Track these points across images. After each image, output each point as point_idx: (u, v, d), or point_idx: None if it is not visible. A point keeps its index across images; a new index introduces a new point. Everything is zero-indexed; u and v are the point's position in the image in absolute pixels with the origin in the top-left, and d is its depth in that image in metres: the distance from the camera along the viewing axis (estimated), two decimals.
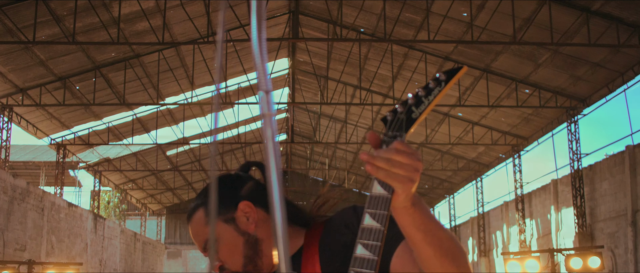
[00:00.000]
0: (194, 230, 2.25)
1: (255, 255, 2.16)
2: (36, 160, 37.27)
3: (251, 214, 2.19)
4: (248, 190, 2.24)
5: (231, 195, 2.22)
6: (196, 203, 2.26)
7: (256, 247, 2.17)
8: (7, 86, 21.25)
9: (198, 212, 2.24)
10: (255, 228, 2.17)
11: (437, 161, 33.13)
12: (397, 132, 1.71)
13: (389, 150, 1.65)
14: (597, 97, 21.29)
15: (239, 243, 2.16)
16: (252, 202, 2.21)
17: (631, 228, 18.80)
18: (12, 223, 18.44)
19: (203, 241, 2.22)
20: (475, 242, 33.83)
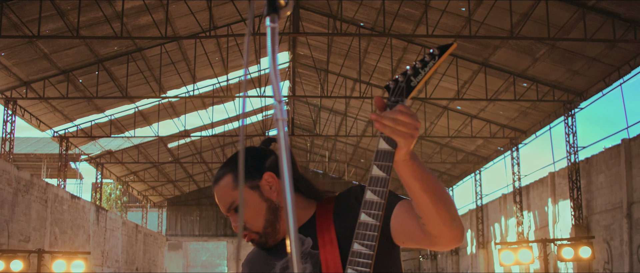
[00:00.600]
0: (220, 193, 2.54)
1: (275, 220, 2.48)
2: (38, 153, 37.54)
3: (274, 184, 2.51)
4: (271, 162, 2.54)
5: (257, 166, 2.52)
6: (224, 170, 2.56)
7: (276, 213, 2.48)
8: (11, 79, 21.51)
9: (226, 178, 2.54)
10: (277, 196, 2.49)
11: (436, 154, 33.40)
12: (399, 97, 2.08)
13: (394, 112, 2.01)
14: (593, 91, 21.53)
15: (262, 208, 2.47)
16: (275, 173, 2.52)
17: (626, 220, 19.08)
18: (16, 214, 18.70)
19: (228, 204, 2.52)
20: (473, 234, 34.11)
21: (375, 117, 2.04)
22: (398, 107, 2.02)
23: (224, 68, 26.21)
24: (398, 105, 2.03)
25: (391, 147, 2.05)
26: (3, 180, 17.87)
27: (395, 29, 21.28)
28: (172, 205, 47.11)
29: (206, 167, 41.12)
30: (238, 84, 29.08)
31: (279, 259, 2.53)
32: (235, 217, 2.52)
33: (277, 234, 2.51)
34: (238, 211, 2.50)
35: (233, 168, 2.54)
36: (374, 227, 2.06)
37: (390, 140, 2.05)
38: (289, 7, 1.69)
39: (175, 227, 47.13)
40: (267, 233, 2.50)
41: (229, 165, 2.58)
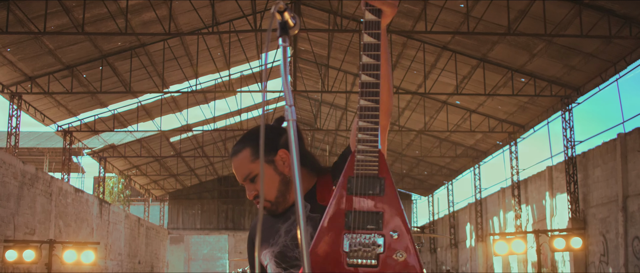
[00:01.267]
0: (238, 164, 2.92)
1: (286, 191, 2.87)
2: (41, 147, 37.83)
3: (286, 159, 2.89)
4: (284, 140, 2.92)
5: (272, 143, 2.87)
6: (243, 144, 2.93)
7: (288, 185, 2.87)
8: (16, 74, 21.82)
9: (244, 152, 2.90)
10: (289, 171, 2.86)
11: (436, 148, 33.69)
12: None
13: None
14: (590, 86, 21.80)
15: (276, 180, 2.86)
16: (287, 150, 2.89)
17: (622, 213, 19.38)
18: (22, 207, 18.98)
19: (244, 174, 2.90)
20: (472, 227, 34.41)
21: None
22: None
23: (225, 63, 26.50)
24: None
25: (377, 18, 2.47)
26: (9, 174, 18.16)
27: (394, 25, 21.56)
28: (173, 198, 47.43)
29: (208, 161, 41.43)
30: (240, 79, 29.37)
31: (283, 222, 2.92)
32: (250, 186, 2.91)
33: (286, 203, 2.90)
34: (253, 181, 2.89)
35: (251, 143, 2.91)
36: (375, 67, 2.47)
37: (375, 12, 2.47)
38: (297, 26, 2.07)
39: (177, 221, 47.46)
40: (278, 202, 2.89)
41: (247, 139, 2.94)
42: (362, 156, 2.39)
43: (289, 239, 2.86)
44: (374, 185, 2.39)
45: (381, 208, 2.37)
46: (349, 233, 2.34)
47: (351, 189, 2.39)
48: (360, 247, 2.32)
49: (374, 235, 2.33)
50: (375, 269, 2.30)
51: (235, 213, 47.32)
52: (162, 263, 38.88)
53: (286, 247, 2.85)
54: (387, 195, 2.39)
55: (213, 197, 47.31)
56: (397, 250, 2.33)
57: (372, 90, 2.41)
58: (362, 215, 2.36)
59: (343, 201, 2.38)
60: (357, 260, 2.31)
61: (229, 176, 46.42)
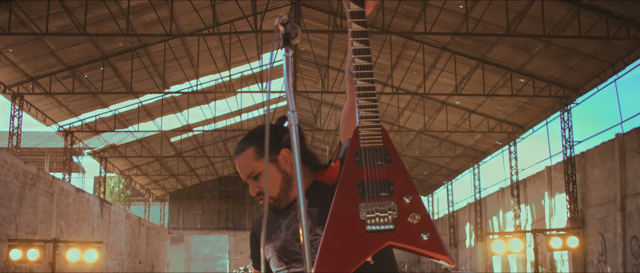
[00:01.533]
0: (242, 163, 3.04)
1: (288, 188, 3.01)
2: (41, 147, 37.95)
3: (289, 158, 3.01)
4: (286, 139, 3.04)
5: (276, 142, 3.00)
6: (247, 143, 3.06)
7: (289, 182, 3.00)
8: (18, 75, 21.94)
9: (248, 150, 3.03)
10: (291, 169, 3.00)
11: (436, 148, 33.81)
12: None
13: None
14: (589, 86, 21.92)
15: (278, 178, 2.99)
16: (289, 149, 3.01)
17: (620, 213, 19.50)
18: (23, 207, 19.09)
19: (248, 172, 3.02)
20: (472, 227, 34.52)
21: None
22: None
23: (226, 63, 26.62)
24: None
25: (361, 7, 2.65)
26: (11, 174, 18.27)
27: (394, 26, 21.68)
28: (174, 198, 47.54)
29: (208, 161, 41.54)
30: (240, 79, 29.49)
31: (284, 218, 3.05)
32: (254, 183, 3.03)
33: (288, 200, 3.04)
34: (257, 179, 3.02)
35: (255, 142, 3.04)
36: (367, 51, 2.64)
37: (359, 2, 2.66)
38: (299, 37, 2.21)
39: (177, 221, 47.56)
40: (280, 198, 3.02)
41: (251, 138, 3.07)
42: (366, 130, 2.54)
43: (289, 234, 3.00)
44: (381, 156, 2.53)
45: (391, 177, 2.51)
46: (363, 202, 2.47)
47: (360, 162, 2.53)
48: (377, 214, 2.45)
49: (388, 201, 2.47)
50: (392, 232, 2.42)
51: (235, 213, 47.44)
52: (162, 263, 38.99)
53: (287, 242, 2.99)
54: (394, 165, 2.53)
55: (213, 197, 47.42)
56: (410, 213, 2.46)
57: (366, 71, 2.59)
58: (374, 184, 2.49)
59: (353, 173, 2.51)
60: (376, 227, 2.44)
61: (229, 176, 46.54)
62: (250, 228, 3.31)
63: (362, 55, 2.61)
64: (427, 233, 2.42)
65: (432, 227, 2.45)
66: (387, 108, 30.14)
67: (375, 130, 2.55)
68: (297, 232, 2.96)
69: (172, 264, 48.42)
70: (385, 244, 2.42)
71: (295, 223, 3.00)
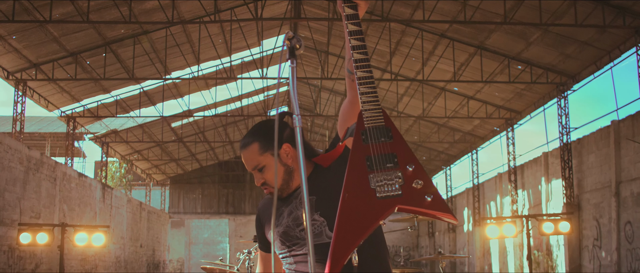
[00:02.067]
0: (247, 156, 3.37)
1: (290, 179, 3.36)
2: (42, 131, 38.22)
3: (290, 152, 3.37)
4: (288, 134, 3.39)
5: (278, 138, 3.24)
6: (252, 138, 3.39)
7: (291, 174, 3.36)
8: (21, 62, 22.20)
9: (253, 145, 3.36)
10: (292, 162, 3.35)
11: (434, 133, 34.07)
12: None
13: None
14: (585, 73, 22.17)
15: (281, 170, 3.34)
16: (290, 144, 3.37)
17: (615, 199, 19.80)
18: (27, 192, 19.39)
19: (253, 165, 3.36)
20: (470, 212, 34.81)
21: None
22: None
23: (227, 50, 26.86)
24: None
25: (355, 10, 3.01)
26: (15, 159, 18.56)
27: (393, 14, 21.90)
28: (174, 183, 47.84)
29: (208, 146, 41.81)
30: (240, 65, 29.72)
31: (286, 205, 3.40)
32: (258, 175, 3.37)
33: (289, 189, 3.39)
34: (261, 171, 3.35)
35: (259, 137, 3.36)
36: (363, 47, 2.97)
37: (353, 6, 3.01)
38: (302, 47, 2.56)
39: (177, 205, 47.89)
40: (282, 188, 3.38)
41: (256, 134, 3.40)
42: (369, 112, 2.88)
43: (291, 220, 3.34)
44: (384, 133, 2.87)
45: (394, 150, 2.85)
46: (372, 173, 2.80)
47: (366, 139, 2.86)
48: (385, 182, 2.78)
49: (394, 171, 2.80)
50: (400, 197, 2.76)
51: (235, 197, 47.76)
52: (163, 247, 39.36)
53: (289, 227, 3.33)
54: (395, 140, 2.88)
55: (214, 182, 47.73)
56: (415, 179, 2.80)
57: (364, 63, 2.93)
58: (380, 157, 2.83)
59: (361, 149, 2.86)
60: (385, 194, 2.77)
61: (229, 161, 46.84)
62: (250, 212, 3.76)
63: (360, 51, 2.95)
64: (431, 195, 2.76)
65: (434, 189, 2.80)
66: (386, 94, 30.41)
67: (376, 112, 2.89)
68: (298, 218, 3.30)
69: (172, 248, 48.80)
70: (395, 208, 2.76)
71: (296, 210, 3.33)
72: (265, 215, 3.55)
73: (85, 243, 14.85)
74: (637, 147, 18.58)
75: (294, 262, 3.33)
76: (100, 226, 15.56)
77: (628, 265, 19.11)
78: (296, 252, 3.30)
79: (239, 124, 38.74)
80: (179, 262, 51.54)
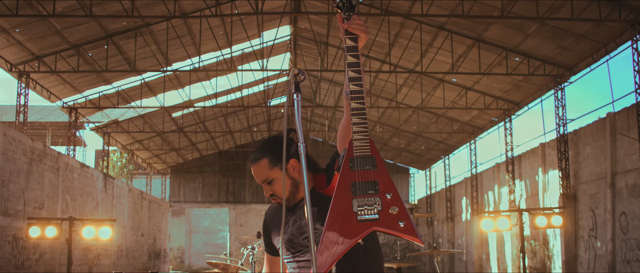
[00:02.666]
0: (257, 171, 3.69)
1: (296, 191, 3.68)
2: (43, 121, 38.45)
3: (296, 167, 3.68)
4: (294, 150, 3.68)
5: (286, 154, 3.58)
6: (262, 154, 3.70)
7: (297, 186, 3.67)
8: (24, 54, 22.44)
9: (263, 160, 3.68)
10: (298, 176, 3.66)
11: (433, 123, 34.31)
12: (350, 12, 3.37)
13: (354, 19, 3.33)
14: (582, 65, 22.40)
15: (288, 184, 3.65)
16: (296, 159, 3.68)
17: (610, 190, 20.09)
18: (31, 183, 19.65)
19: (263, 178, 3.67)
20: (468, 201, 35.09)
21: (346, 25, 3.29)
22: (353, 17, 3.30)
23: (227, 41, 27.08)
24: (353, 16, 3.30)
25: (355, 43, 3.28)
26: (18, 151, 18.81)
27: (392, 7, 22.11)
28: (175, 172, 48.10)
29: (209, 136, 42.04)
30: (241, 56, 29.93)
31: (291, 215, 3.73)
32: (267, 187, 3.68)
33: (295, 200, 3.72)
34: (270, 184, 3.67)
35: (268, 153, 3.67)
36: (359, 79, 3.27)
37: (353, 38, 3.27)
38: (306, 78, 2.87)
39: (178, 194, 48.17)
40: (289, 199, 3.72)
41: (265, 150, 3.71)
42: (358, 142, 3.23)
43: (295, 229, 3.67)
44: (369, 162, 3.23)
45: (377, 178, 3.22)
46: (355, 198, 3.18)
47: (353, 167, 3.23)
48: (365, 207, 3.17)
49: (374, 197, 3.18)
50: (377, 221, 3.15)
51: (235, 186, 48.05)
52: (164, 235, 39.66)
53: (293, 235, 3.66)
54: (379, 169, 3.24)
55: (214, 171, 48.00)
56: (391, 206, 3.18)
57: (359, 95, 3.24)
58: (364, 184, 3.20)
59: (348, 175, 3.23)
60: (364, 216, 3.16)
61: (229, 150, 47.10)
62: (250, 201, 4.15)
63: (356, 83, 3.24)
64: (403, 221, 3.16)
65: (407, 216, 3.18)
66: (385, 84, 30.64)
67: (365, 142, 3.23)
68: (302, 227, 3.64)
69: (173, 236, 49.12)
70: (371, 229, 3.16)
71: (300, 220, 3.66)
72: (272, 222, 3.89)
73: (93, 236, 15.16)
74: (632, 139, 18.85)
75: (298, 267, 3.65)
76: (107, 220, 15.86)
77: (622, 255, 19.42)
78: (299, 258, 3.62)
79: (239, 114, 38.97)
80: (180, 250, 51.91)
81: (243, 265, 8.29)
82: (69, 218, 14.77)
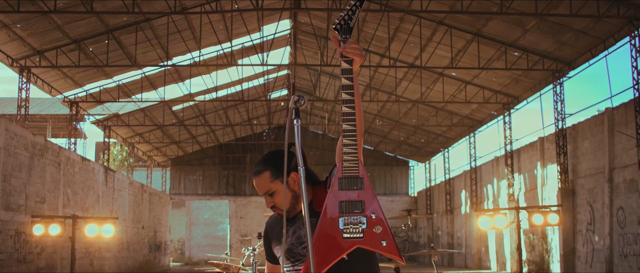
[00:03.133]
0: (259, 183, 3.80)
1: (296, 203, 3.81)
2: (43, 113, 38.54)
3: (297, 180, 3.79)
4: (294, 164, 3.80)
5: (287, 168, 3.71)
6: (264, 167, 3.82)
7: (297, 199, 3.80)
8: (25, 49, 22.55)
9: (265, 173, 3.79)
10: (298, 188, 3.79)
11: (433, 117, 34.42)
12: (346, 35, 3.53)
13: (350, 43, 3.48)
14: (581, 60, 22.50)
15: (289, 195, 3.78)
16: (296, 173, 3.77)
17: (608, 185, 20.22)
18: (32, 177, 19.77)
19: (265, 191, 3.79)
20: (467, 194, 35.23)
21: (341, 49, 3.42)
22: (350, 40, 3.43)
23: (227, 36, 27.17)
24: (349, 39, 3.44)
25: (350, 65, 3.41)
26: (20, 146, 18.93)
27: (392, 3, 22.19)
28: (175, 164, 48.21)
29: (209, 129, 42.15)
30: (241, 50, 30.01)
31: (291, 225, 3.86)
32: (269, 199, 3.80)
33: (295, 211, 3.85)
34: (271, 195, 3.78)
35: (270, 167, 3.79)
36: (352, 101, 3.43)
37: (349, 61, 3.41)
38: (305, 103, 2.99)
39: (178, 186, 48.29)
40: (289, 211, 3.84)
41: (266, 163, 3.83)
42: (348, 163, 3.41)
43: (294, 239, 3.81)
44: (356, 183, 3.41)
45: (363, 198, 3.40)
46: (342, 216, 3.38)
47: (341, 186, 3.41)
48: (350, 225, 3.37)
49: (359, 216, 3.37)
50: (361, 239, 3.35)
51: (236, 179, 48.18)
52: (164, 228, 39.78)
53: (293, 245, 3.81)
54: (365, 189, 3.41)
55: (214, 163, 48.13)
56: (375, 225, 3.37)
57: (351, 117, 3.41)
58: (350, 204, 3.39)
59: (336, 195, 3.41)
60: (350, 234, 3.35)
61: (229, 143, 47.22)
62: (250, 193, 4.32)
63: (348, 105, 3.40)
64: (386, 240, 3.35)
65: (390, 236, 3.36)
66: (385, 78, 30.74)
67: (353, 163, 3.41)
68: (301, 238, 3.77)
69: (173, 229, 49.27)
70: (355, 247, 3.36)
71: (299, 230, 3.78)
72: (272, 232, 4.04)
73: (96, 234, 15.29)
74: (630, 134, 18.96)
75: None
76: (110, 218, 15.98)
77: (620, 249, 19.57)
78: (299, 267, 3.77)
79: (239, 107, 39.08)
80: (180, 242, 52.10)
81: (244, 266, 8.42)
82: (72, 217, 14.89)
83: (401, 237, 47.07)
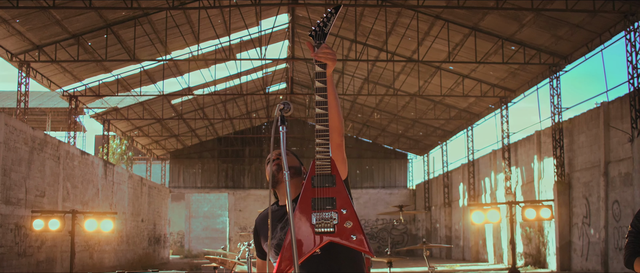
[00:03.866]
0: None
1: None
2: (43, 107, 38.61)
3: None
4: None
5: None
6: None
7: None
8: (25, 44, 22.66)
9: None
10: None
11: (430, 110, 34.56)
12: (320, 40, 3.85)
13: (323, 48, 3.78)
14: (577, 55, 22.63)
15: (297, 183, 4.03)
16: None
17: (603, 178, 20.36)
18: (32, 171, 19.90)
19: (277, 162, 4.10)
20: (465, 187, 35.37)
21: (314, 54, 3.67)
22: (323, 45, 3.71)
23: (225, 30, 27.27)
24: (322, 45, 3.71)
25: (323, 69, 3.71)
26: (20, 140, 19.05)
27: None
28: (174, 158, 48.33)
29: (208, 122, 42.27)
30: (239, 44, 30.12)
31: (280, 221, 4.11)
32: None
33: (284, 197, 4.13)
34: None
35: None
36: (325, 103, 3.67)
37: (322, 65, 3.66)
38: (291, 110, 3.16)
39: (177, 179, 48.42)
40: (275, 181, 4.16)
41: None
42: (320, 162, 3.65)
43: (283, 234, 4.02)
44: (328, 180, 3.65)
45: (334, 195, 3.64)
46: (314, 212, 3.62)
47: (314, 184, 3.65)
48: (322, 220, 3.60)
49: (331, 212, 3.60)
50: (333, 234, 3.60)
51: (235, 172, 48.31)
52: (164, 220, 39.93)
53: (281, 240, 4.01)
54: (337, 186, 3.67)
55: (213, 157, 48.26)
56: (346, 220, 3.61)
57: (323, 118, 3.64)
58: (322, 200, 3.63)
59: (309, 192, 3.65)
60: (321, 229, 3.60)
61: (228, 136, 47.35)
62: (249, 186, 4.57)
63: (322, 107, 3.62)
64: (356, 235, 3.59)
65: (360, 230, 3.60)
66: (383, 72, 30.85)
67: (326, 161, 3.65)
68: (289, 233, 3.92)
69: (173, 221, 49.44)
70: (327, 241, 3.60)
71: (287, 226, 3.95)
72: (262, 228, 4.24)
73: (95, 229, 15.45)
74: (625, 128, 19.10)
75: None
76: (109, 213, 16.13)
77: (615, 243, 19.73)
78: None
79: (237, 101, 39.20)
80: (180, 235, 52.27)
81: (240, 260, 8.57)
82: (71, 212, 15.03)
83: (400, 230, 47.27)
